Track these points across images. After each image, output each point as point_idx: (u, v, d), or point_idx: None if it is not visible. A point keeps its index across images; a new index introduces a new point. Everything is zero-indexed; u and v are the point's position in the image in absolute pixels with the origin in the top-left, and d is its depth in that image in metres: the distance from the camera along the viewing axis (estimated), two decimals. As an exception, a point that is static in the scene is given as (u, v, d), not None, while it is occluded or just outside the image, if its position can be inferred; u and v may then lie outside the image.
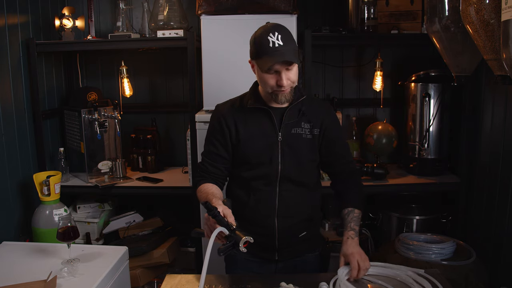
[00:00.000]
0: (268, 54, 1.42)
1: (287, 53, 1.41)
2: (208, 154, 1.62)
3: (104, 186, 2.57)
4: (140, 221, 2.76)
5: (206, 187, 1.54)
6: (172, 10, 2.52)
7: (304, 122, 1.57)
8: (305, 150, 1.58)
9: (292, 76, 1.47)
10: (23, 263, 1.80)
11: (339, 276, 1.43)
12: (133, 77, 2.99)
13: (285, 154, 1.56)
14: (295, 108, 1.57)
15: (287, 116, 1.55)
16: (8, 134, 2.31)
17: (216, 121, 1.61)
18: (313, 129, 1.58)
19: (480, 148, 2.38)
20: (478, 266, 1.85)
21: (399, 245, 1.95)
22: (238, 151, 1.58)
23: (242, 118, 1.58)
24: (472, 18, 1.31)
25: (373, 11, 2.54)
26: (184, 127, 2.99)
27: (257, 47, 1.45)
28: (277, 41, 1.41)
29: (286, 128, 1.56)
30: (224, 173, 1.62)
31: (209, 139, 1.64)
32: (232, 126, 1.58)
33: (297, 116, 1.57)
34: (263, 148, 1.56)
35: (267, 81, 1.47)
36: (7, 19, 2.31)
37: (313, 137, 1.58)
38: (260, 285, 1.47)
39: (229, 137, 1.58)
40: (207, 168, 1.60)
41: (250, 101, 1.58)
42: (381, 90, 2.81)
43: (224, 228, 1.25)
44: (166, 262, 2.55)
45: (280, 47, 1.41)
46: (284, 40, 1.42)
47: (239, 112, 1.59)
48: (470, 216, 2.48)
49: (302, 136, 1.57)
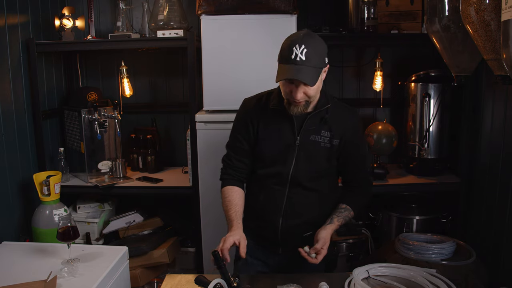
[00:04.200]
0: (285, 63, 1.40)
1: (305, 72, 1.37)
2: (234, 148, 1.67)
3: (104, 186, 2.57)
4: (140, 221, 2.76)
5: (231, 195, 1.62)
6: (172, 10, 2.52)
7: (324, 131, 1.57)
8: (321, 158, 1.58)
9: (310, 92, 1.45)
10: (23, 263, 1.80)
11: (354, 277, 1.43)
12: (133, 77, 2.99)
13: (300, 159, 1.57)
14: (317, 115, 1.56)
15: (308, 122, 1.56)
16: (8, 134, 2.31)
17: (242, 116, 1.65)
18: (332, 139, 1.57)
19: (480, 148, 2.38)
20: (478, 266, 1.85)
21: (399, 245, 1.95)
22: (255, 148, 1.62)
23: (265, 117, 1.60)
24: (472, 18, 1.31)
25: (373, 11, 2.54)
26: (184, 127, 2.99)
27: (281, 52, 1.44)
28: (300, 54, 1.36)
29: (305, 134, 1.56)
30: (249, 167, 1.68)
31: (234, 133, 1.68)
32: (255, 123, 1.61)
33: (318, 123, 1.56)
34: (279, 150, 1.58)
35: (283, 88, 1.48)
36: (7, 19, 2.31)
37: (332, 146, 1.57)
38: (260, 285, 1.47)
39: (252, 133, 1.62)
40: (233, 162, 1.67)
41: (274, 102, 1.58)
42: (381, 90, 2.81)
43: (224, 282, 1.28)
44: (166, 262, 2.55)
45: (301, 62, 1.37)
46: (308, 56, 1.37)
47: (263, 110, 1.61)
48: (470, 216, 2.48)
49: (320, 144, 1.57)
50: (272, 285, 1.43)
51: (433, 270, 1.47)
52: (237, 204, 1.59)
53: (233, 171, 1.67)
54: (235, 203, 1.59)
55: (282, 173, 1.58)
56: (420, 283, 1.42)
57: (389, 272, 1.51)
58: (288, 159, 1.57)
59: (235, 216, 1.55)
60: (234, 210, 1.57)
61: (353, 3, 2.59)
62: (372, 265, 1.52)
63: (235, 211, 1.57)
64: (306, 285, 1.41)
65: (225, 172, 1.69)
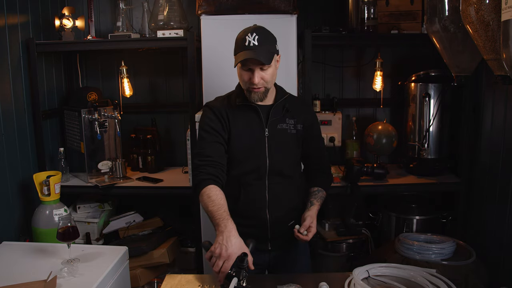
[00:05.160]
0: (241, 50, 1.54)
1: (259, 53, 1.51)
2: (209, 144, 1.58)
3: (104, 186, 2.57)
4: (140, 221, 2.76)
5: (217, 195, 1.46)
6: (172, 10, 2.52)
7: (288, 118, 1.67)
8: (291, 144, 1.68)
9: (266, 76, 1.56)
10: (23, 263, 1.80)
11: (354, 277, 1.43)
12: (133, 77, 2.99)
13: (272, 149, 1.63)
14: (279, 105, 1.66)
15: (272, 113, 1.64)
16: (8, 134, 2.31)
17: (211, 113, 1.64)
18: (296, 125, 1.68)
19: (480, 148, 2.38)
20: (478, 266, 1.85)
21: (399, 245, 1.95)
22: (229, 145, 1.62)
23: (233, 114, 1.64)
24: (472, 18, 1.31)
25: (373, 11, 2.54)
26: (184, 127, 2.99)
27: (236, 44, 1.58)
28: (253, 41, 1.51)
29: (272, 124, 1.64)
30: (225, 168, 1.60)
31: (208, 131, 1.60)
32: (226, 119, 1.63)
33: (281, 112, 1.66)
34: (251, 144, 1.62)
35: (242, 76, 1.58)
36: (7, 19, 2.31)
37: (297, 132, 1.69)
38: (260, 285, 1.47)
39: (226, 128, 1.63)
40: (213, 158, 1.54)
41: (238, 99, 1.65)
42: (381, 90, 2.81)
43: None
44: (166, 262, 2.55)
45: (254, 46, 1.51)
46: (260, 41, 1.52)
47: (230, 108, 1.66)
48: (470, 216, 2.48)
49: (287, 131, 1.66)
50: (272, 285, 1.43)
51: (433, 270, 1.48)
52: (225, 204, 1.46)
53: (213, 169, 1.53)
54: (223, 203, 1.45)
55: (259, 166, 1.62)
56: (420, 283, 1.42)
57: (389, 272, 1.51)
58: (261, 151, 1.62)
59: (227, 215, 1.41)
60: (224, 209, 1.43)
61: (353, 3, 2.60)
62: (372, 265, 1.52)
63: (225, 210, 1.43)
64: (306, 285, 1.41)
65: (204, 172, 1.52)
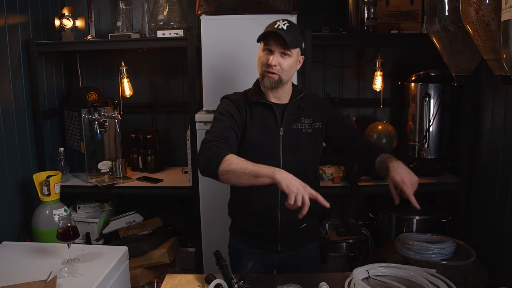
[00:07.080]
0: (269, 29, 1.54)
1: (285, 35, 1.49)
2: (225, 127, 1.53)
3: (104, 186, 2.57)
4: (140, 221, 2.76)
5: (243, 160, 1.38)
6: (172, 10, 2.52)
7: (304, 117, 1.64)
8: (306, 144, 1.64)
9: (284, 64, 1.54)
10: (23, 263, 1.80)
11: (354, 277, 1.43)
12: (133, 77, 2.99)
13: (286, 148, 1.61)
14: (295, 104, 1.64)
15: (287, 112, 1.62)
16: (8, 134, 2.31)
17: (231, 102, 1.62)
18: (313, 124, 1.65)
19: (480, 148, 2.38)
20: (478, 266, 1.85)
21: (399, 245, 1.95)
22: (242, 142, 1.60)
23: (249, 110, 1.62)
24: (472, 18, 1.31)
25: (373, 11, 2.54)
26: (184, 127, 2.99)
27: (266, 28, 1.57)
28: (282, 25, 1.51)
29: (287, 124, 1.61)
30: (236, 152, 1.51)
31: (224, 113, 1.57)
32: (244, 112, 1.61)
33: (296, 111, 1.63)
34: (266, 143, 1.60)
35: (261, 59, 1.57)
36: (7, 19, 2.31)
37: (314, 131, 1.65)
38: (260, 285, 1.47)
39: (242, 119, 1.59)
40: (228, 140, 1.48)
41: (255, 97, 1.62)
42: (381, 90, 2.81)
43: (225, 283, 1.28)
44: (166, 262, 2.55)
45: (282, 30, 1.50)
46: (289, 29, 1.51)
47: (247, 103, 1.63)
48: (470, 216, 2.48)
49: (303, 130, 1.64)
50: (272, 285, 1.43)
51: (433, 270, 1.48)
52: None
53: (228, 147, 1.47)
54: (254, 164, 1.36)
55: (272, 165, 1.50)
56: (420, 283, 1.42)
57: (389, 272, 1.51)
58: (275, 150, 1.60)
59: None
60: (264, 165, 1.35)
61: (353, 3, 2.59)
62: (372, 265, 1.52)
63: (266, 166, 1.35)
64: (306, 285, 1.41)
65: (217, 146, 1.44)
